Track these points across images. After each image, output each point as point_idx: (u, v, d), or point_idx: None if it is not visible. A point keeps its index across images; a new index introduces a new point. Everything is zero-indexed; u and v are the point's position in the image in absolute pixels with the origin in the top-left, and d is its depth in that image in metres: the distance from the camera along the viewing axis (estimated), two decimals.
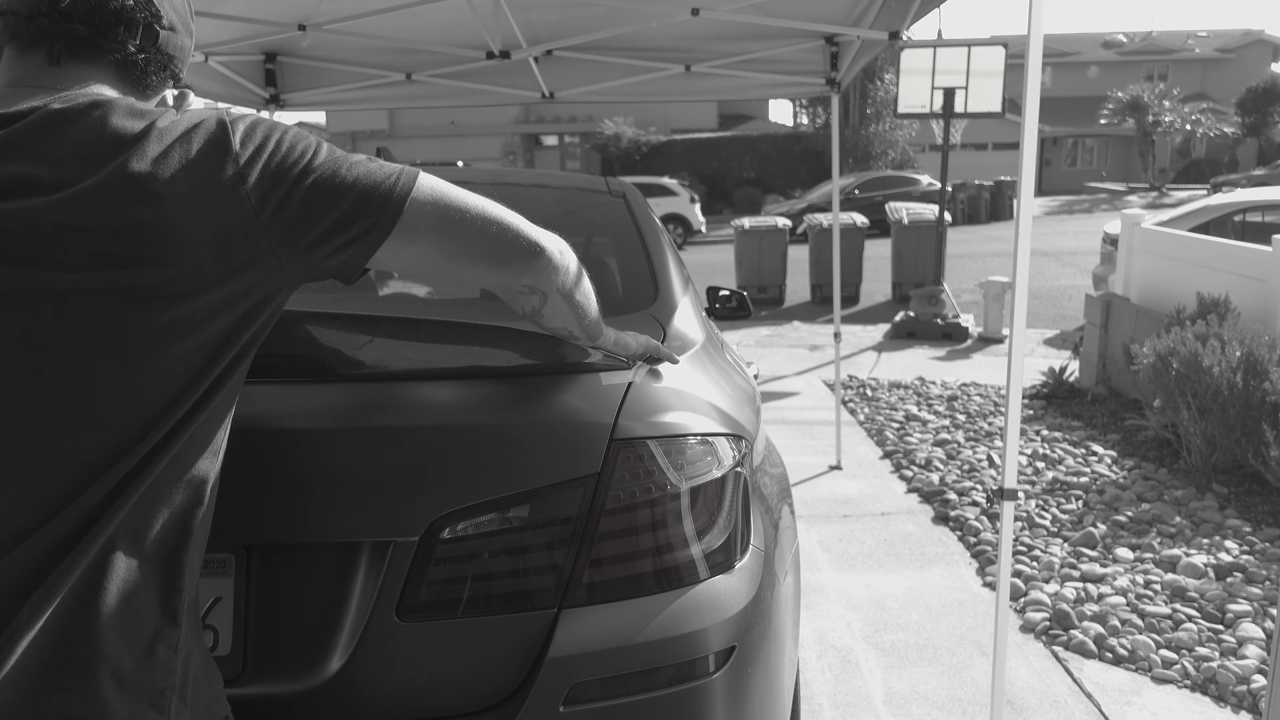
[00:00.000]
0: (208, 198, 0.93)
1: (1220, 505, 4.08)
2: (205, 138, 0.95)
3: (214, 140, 0.95)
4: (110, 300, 0.89)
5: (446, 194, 1.09)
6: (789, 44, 4.25)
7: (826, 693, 2.77)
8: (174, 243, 0.91)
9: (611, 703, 1.28)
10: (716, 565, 1.39)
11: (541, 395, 1.36)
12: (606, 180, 2.48)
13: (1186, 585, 3.32)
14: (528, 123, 33.27)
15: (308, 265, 1.01)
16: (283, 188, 0.97)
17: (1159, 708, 2.67)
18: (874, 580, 3.52)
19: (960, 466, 4.78)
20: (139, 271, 0.89)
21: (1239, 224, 7.30)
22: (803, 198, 22.36)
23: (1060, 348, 8.06)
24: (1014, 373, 2.18)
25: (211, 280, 0.93)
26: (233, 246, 0.94)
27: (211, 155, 0.94)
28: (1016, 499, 2.19)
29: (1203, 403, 4.35)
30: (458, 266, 1.13)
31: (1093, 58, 40.82)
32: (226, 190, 0.94)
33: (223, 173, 0.94)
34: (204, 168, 0.93)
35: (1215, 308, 4.93)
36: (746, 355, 7.72)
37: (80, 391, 0.89)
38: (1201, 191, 25.14)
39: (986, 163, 33.09)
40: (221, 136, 0.95)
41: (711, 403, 1.49)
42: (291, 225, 0.98)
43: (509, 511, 1.29)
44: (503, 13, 3.73)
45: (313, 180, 0.99)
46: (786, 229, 11.23)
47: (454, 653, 1.28)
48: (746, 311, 3.13)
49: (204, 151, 0.94)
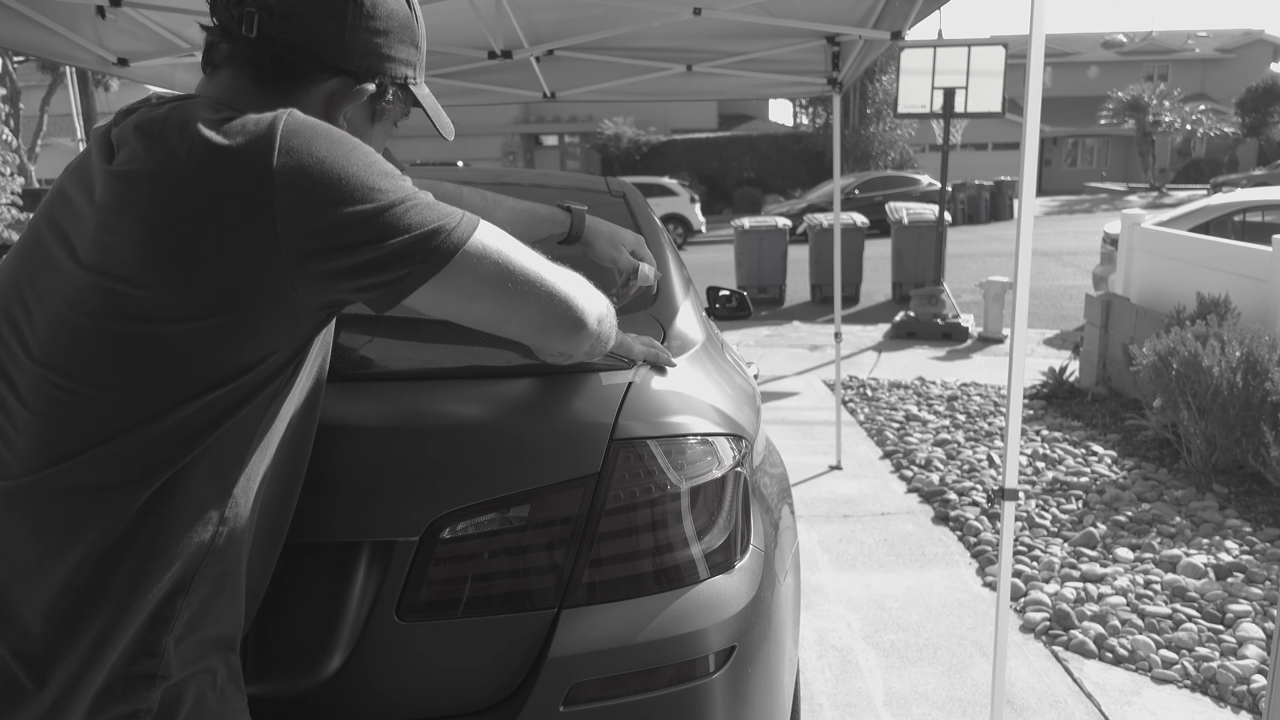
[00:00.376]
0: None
1: (1220, 505, 4.08)
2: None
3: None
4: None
5: (500, 253, 1.05)
6: (791, 44, 4.24)
7: (826, 693, 2.77)
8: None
9: (612, 703, 1.28)
10: (716, 565, 1.39)
11: (541, 395, 1.36)
12: (606, 180, 2.48)
13: (1186, 585, 3.32)
14: (528, 122, 33.26)
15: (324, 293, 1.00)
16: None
17: (1159, 708, 2.67)
18: (874, 580, 3.52)
19: (960, 466, 4.78)
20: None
21: (1239, 224, 7.30)
22: (803, 198, 22.35)
23: (1060, 348, 8.06)
24: (1015, 372, 2.18)
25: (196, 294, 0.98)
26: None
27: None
28: (1017, 499, 2.18)
29: (1203, 403, 4.35)
30: (495, 326, 1.10)
31: (1093, 58, 40.82)
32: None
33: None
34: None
35: (1215, 308, 4.93)
36: (746, 355, 7.72)
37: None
38: (1201, 191, 25.15)
39: (986, 163, 33.10)
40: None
41: (711, 403, 1.49)
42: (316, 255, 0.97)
43: (509, 511, 1.29)
44: (504, 13, 3.73)
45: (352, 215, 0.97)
46: (786, 229, 11.23)
47: (454, 652, 1.28)
48: (746, 311, 3.13)
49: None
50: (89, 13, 3.37)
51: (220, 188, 0.92)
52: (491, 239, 1.05)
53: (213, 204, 0.92)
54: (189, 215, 0.92)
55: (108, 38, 3.67)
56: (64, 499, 0.94)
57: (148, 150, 0.95)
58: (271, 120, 0.96)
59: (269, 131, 0.94)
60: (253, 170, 0.92)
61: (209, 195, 0.92)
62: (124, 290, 0.93)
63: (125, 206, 0.94)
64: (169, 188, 0.93)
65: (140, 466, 0.95)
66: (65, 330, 0.94)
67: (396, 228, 0.97)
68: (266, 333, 0.98)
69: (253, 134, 0.94)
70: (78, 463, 0.94)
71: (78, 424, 0.94)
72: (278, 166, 0.93)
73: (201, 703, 1.00)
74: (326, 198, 0.94)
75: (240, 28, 1.05)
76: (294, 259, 0.94)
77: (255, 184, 0.92)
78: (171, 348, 0.93)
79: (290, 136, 0.95)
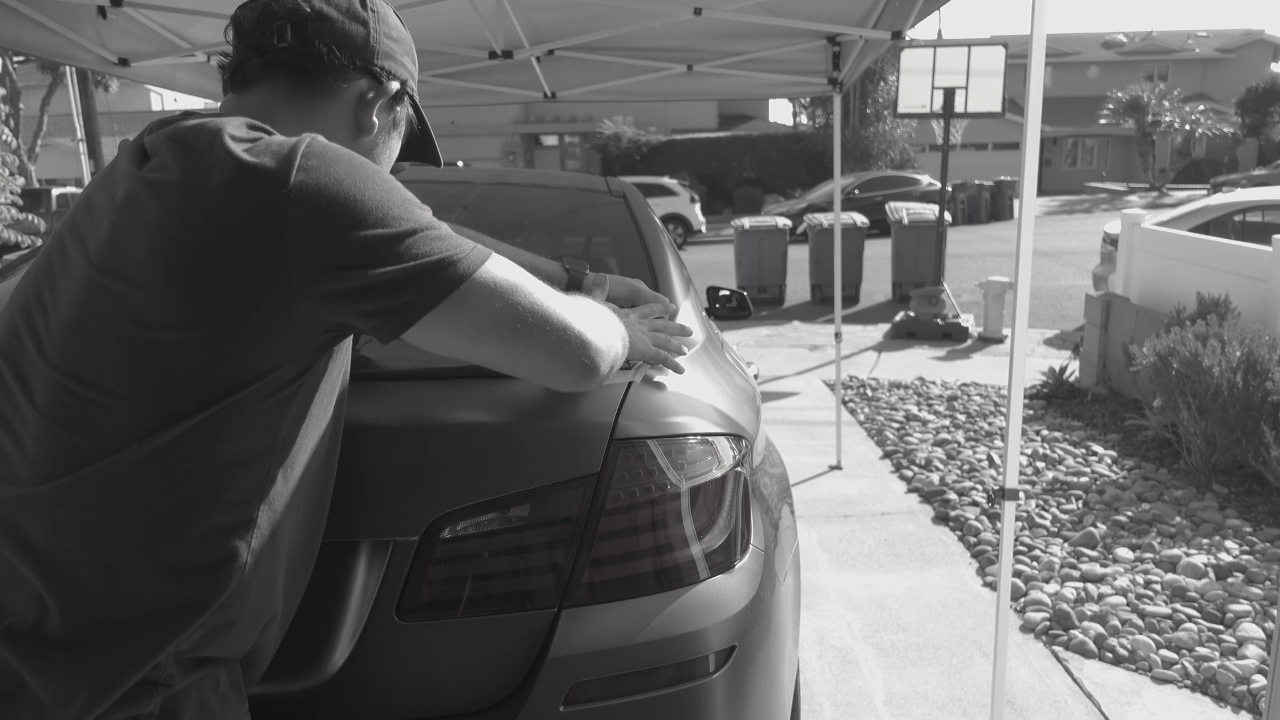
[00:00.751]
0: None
1: (1220, 505, 4.08)
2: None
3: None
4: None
5: (511, 286, 1.04)
6: (791, 43, 4.24)
7: (826, 693, 2.77)
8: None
9: (612, 702, 1.28)
10: (716, 565, 1.39)
11: (541, 395, 1.36)
12: (606, 180, 2.48)
13: (1186, 585, 3.32)
14: (528, 122, 33.27)
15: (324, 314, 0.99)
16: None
17: (1159, 708, 2.67)
18: (874, 580, 3.52)
19: (960, 466, 4.78)
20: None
21: (1239, 224, 7.30)
22: (803, 198, 22.36)
23: (1060, 348, 8.06)
24: (1016, 372, 2.18)
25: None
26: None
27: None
28: (1017, 499, 2.19)
29: (1203, 403, 4.35)
30: (503, 367, 1.09)
31: (1093, 58, 40.83)
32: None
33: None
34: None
35: (1215, 308, 4.93)
36: (746, 355, 7.72)
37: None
38: (1201, 191, 25.15)
39: (986, 163, 33.12)
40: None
41: (711, 403, 1.49)
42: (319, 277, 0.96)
43: (509, 511, 1.29)
44: (505, 13, 3.73)
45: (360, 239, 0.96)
46: (786, 229, 11.23)
47: (454, 652, 1.28)
48: (746, 311, 3.13)
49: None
50: (90, 13, 3.37)
51: (236, 201, 0.93)
52: (502, 272, 1.04)
53: (227, 216, 0.93)
54: (202, 224, 0.93)
55: (109, 38, 3.67)
56: (73, 510, 0.94)
57: (175, 160, 0.96)
58: (295, 142, 0.97)
59: (291, 151, 0.96)
60: (269, 185, 0.93)
61: (224, 207, 0.93)
62: (128, 292, 0.93)
63: (143, 211, 0.95)
64: (188, 197, 0.94)
65: (146, 483, 0.94)
66: (75, 332, 0.95)
67: (404, 255, 0.97)
68: (267, 349, 0.97)
69: (275, 153, 0.96)
70: (88, 473, 0.93)
71: (87, 432, 0.94)
72: (294, 184, 0.93)
73: (204, 708, 1.00)
74: (339, 218, 0.94)
75: (274, 40, 1.10)
76: (300, 276, 0.94)
77: (270, 199, 0.93)
78: (170, 356, 0.93)
79: (310, 157, 0.96)
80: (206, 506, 0.97)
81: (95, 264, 0.95)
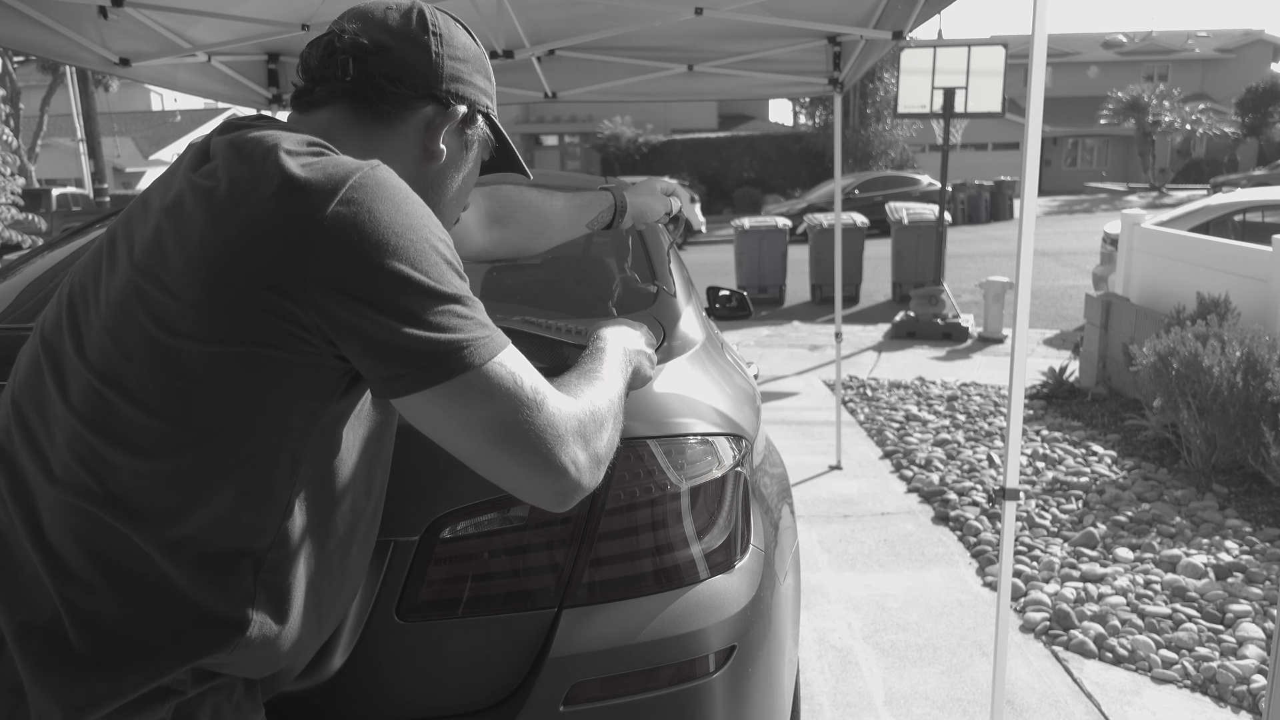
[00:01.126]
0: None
1: (1220, 505, 4.08)
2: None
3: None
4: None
5: (515, 379, 0.96)
6: (792, 43, 4.25)
7: (826, 693, 2.77)
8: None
9: (612, 702, 1.28)
10: (716, 565, 1.39)
11: None
12: (606, 180, 2.48)
13: (1186, 585, 3.32)
14: (528, 122, 33.27)
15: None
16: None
17: (1159, 708, 2.67)
18: (874, 580, 3.53)
19: (960, 466, 4.78)
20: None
21: (1239, 224, 7.30)
22: (803, 198, 22.36)
23: (1060, 348, 8.06)
24: (1016, 372, 2.18)
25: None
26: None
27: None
28: (1018, 499, 2.19)
29: (1203, 403, 4.36)
30: (471, 464, 0.99)
31: (1093, 58, 40.83)
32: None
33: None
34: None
35: (1215, 308, 4.93)
36: (746, 355, 7.72)
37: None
38: (1201, 191, 25.15)
39: (986, 163, 33.11)
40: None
41: (711, 403, 1.49)
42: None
43: (509, 511, 1.29)
44: (506, 13, 3.73)
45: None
46: (786, 229, 11.23)
47: (454, 652, 1.28)
48: (746, 311, 3.13)
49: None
50: (91, 13, 3.37)
51: (274, 214, 0.90)
52: (510, 368, 0.97)
53: (262, 230, 0.90)
54: (237, 235, 0.90)
55: (110, 38, 3.67)
56: (91, 519, 0.93)
57: (226, 168, 0.95)
58: (351, 169, 0.93)
59: (342, 178, 0.92)
60: (308, 204, 0.90)
61: (261, 222, 0.90)
62: (159, 296, 0.91)
63: (186, 215, 0.93)
64: (230, 206, 0.92)
65: (159, 504, 0.93)
66: (109, 331, 0.94)
67: (417, 318, 0.91)
68: (283, 377, 0.94)
69: (328, 175, 0.92)
70: (106, 488, 0.92)
71: (110, 439, 0.92)
72: (331, 212, 0.90)
73: (217, 716, 0.99)
74: (366, 253, 0.90)
75: (338, 73, 1.09)
76: (315, 290, 0.90)
77: (304, 219, 0.90)
78: (191, 369, 0.91)
79: (357, 189, 0.92)
80: (223, 533, 0.95)
81: (137, 264, 0.94)
